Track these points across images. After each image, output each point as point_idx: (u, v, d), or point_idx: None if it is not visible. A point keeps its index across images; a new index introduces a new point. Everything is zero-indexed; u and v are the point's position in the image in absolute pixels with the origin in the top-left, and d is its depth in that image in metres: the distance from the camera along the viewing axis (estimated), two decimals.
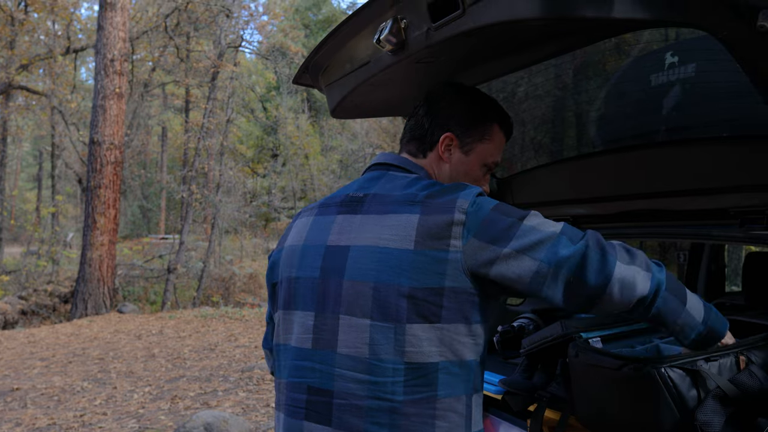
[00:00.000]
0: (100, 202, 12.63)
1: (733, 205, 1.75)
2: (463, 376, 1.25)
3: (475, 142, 1.47)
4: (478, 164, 1.49)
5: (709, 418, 1.40)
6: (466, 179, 1.48)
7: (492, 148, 1.50)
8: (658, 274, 1.29)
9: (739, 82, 1.46)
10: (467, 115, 1.48)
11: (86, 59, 23.24)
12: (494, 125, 1.50)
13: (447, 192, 1.28)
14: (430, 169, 1.48)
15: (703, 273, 3.46)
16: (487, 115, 1.50)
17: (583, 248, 1.21)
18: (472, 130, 1.47)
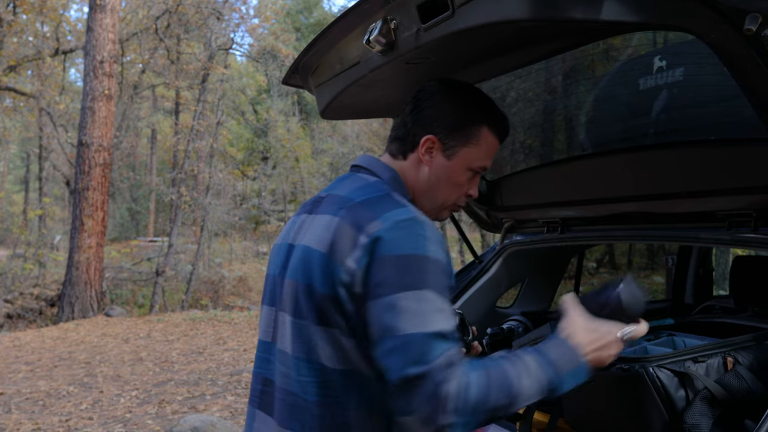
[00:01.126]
0: (88, 204, 12.53)
1: (720, 208, 1.76)
2: (372, 392, 1.23)
3: (459, 145, 1.38)
4: (462, 169, 1.40)
5: (697, 420, 1.41)
6: (447, 185, 1.40)
7: (479, 152, 1.40)
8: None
9: (726, 86, 1.46)
10: (453, 117, 1.39)
11: (75, 61, 23.10)
12: (482, 128, 1.39)
13: (377, 205, 1.24)
14: (406, 172, 1.41)
15: (691, 276, 3.48)
16: (474, 116, 1.40)
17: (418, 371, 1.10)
18: (456, 133, 1.38)
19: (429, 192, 1.40)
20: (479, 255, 2.66)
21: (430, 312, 1.13)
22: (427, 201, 1.41)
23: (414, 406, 1.10)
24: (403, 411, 1.11)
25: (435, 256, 1.18)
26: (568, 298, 1.31)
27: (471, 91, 1.44)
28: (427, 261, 1.17)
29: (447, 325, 1.14)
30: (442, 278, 1.18)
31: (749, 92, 1.36)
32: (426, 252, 1.17)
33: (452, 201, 1.43)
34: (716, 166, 1.74)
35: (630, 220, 2.10)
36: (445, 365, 1.10)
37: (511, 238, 2.56)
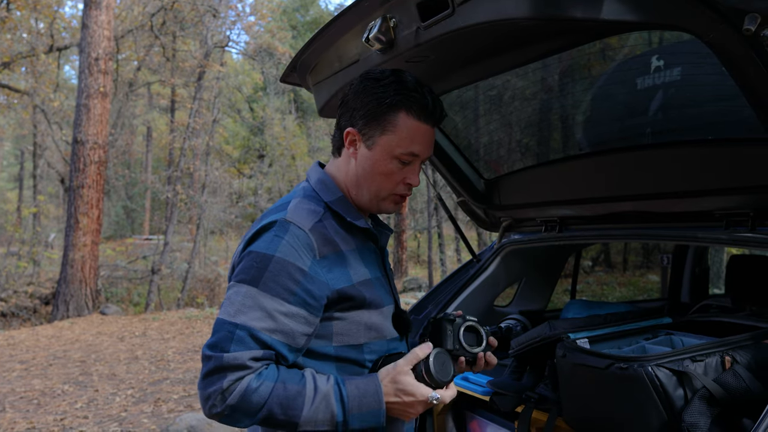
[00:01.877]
0: (83, 202, 12.48)
1: (718, 208, 1.76)
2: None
3: (377, 135, 1.36)
4: (385, 158, 1.37)
5: (695, 419, 1.41)
6: (375, 175, 1.38)
7: (398, 138, 1.36)
8: None
9: (724, 85, 1.47)
10: (367, 106, 1.37)
11: (70, 58, 22.99)
12: (399, 113, 1.35)
13: (265, 215, 1.37)
14: (341, 167, 1.43)
15: (688, 275, 3.49)
16: (389, 103, 1.35)
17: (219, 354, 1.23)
18: (373, 122, 1.36)
19: (361, 184, 1.41)
20: (477, 254, 2.66)
21: (247, 306, 1.24)
22: (362, 193, 1.41)
23: (201, 382, 1.24)
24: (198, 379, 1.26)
25: (283, 257, 1.26)
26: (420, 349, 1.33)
27: (387, 79, 1.38)
28: (271, 261, 1.26)
29: (259, 324, 1.23)
30: (286, 282, 1.25)
31: (748, 92, 1.36)
32: (274, 252, 1.26)
33: (388, 191, 1.40)
34: (713, 165, 1.74)
35: (627, 220, 2.10)
36: (236, 365, 1.21)
37: (509, 237, 2.56)
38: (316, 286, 1.28)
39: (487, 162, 2.50)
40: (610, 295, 10.23)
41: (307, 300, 1.27)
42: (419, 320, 2.44)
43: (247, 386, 1.21)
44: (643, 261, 11.40)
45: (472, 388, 2.02)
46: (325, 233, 1.34)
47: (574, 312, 2.37)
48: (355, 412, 1.25)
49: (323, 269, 1.29)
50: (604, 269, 11.90)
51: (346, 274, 1.33)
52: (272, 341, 1.24)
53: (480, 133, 2.45)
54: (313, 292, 1.27)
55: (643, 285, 10.16)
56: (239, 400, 1.21)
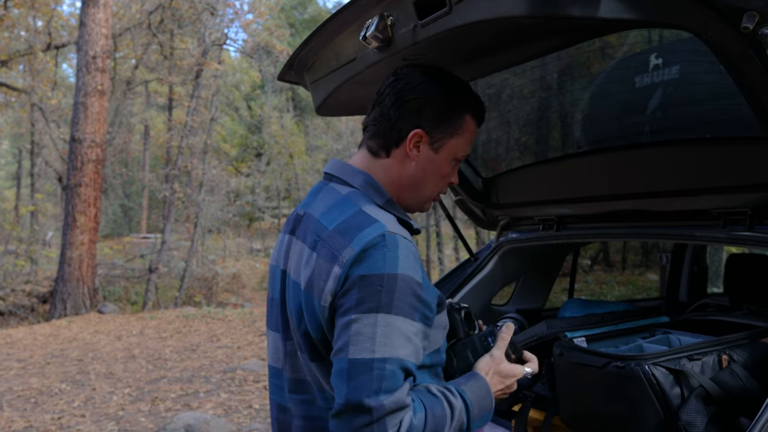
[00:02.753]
0: (81, 200, 12.46)
1: (716, 206, 1.76)
2: None
3: (446, 137, 1.34)
4: (448, 161, 1.36)
5: (692, 418, 1.41)
6: (435, 177, 1.36)
7: (464, 141, 1.36)
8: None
9: (722, 84, 1.46)
10: (438, 108, 1.33)
11: (68, 56, 22.93)
12: (466, 117, 1.36)
13: (349, 229, 1.20)
14: (389, 169, 1.35)
15: (686, 274, 3.49)
16: (459, 105, 1.35)
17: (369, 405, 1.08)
18: (443, 125, 1.33)
19: (415, 186, 1.35)
20: (474, 252, 2.66)
21: (388, 336, 1.10)
22: (412, 195, 1.37)
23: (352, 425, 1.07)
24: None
25: (405, 274, 1.14)
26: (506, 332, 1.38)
27: (453, 80, 1.38)
28: (395, 280, 1.13)
29: (404, 352, 1.11)
30: (412, 300, 1.14)
31: (746, 90, 1.36)
32: (396, 270, 1.14)
33: (436, 192, 1.40)
34: (712, 164, 1.74)
35: (625, 218, 2.10)
36: (395, 407, 1.08)
37: (506, 236, 2.56)
38: (430, 296, 1.21)
39: (485, 160, 2.50)
40: (609, 294, 10.24)
41: (427, 314, 1.20)
42: None
43: (409, 427, 1.10)
44: (642, 260, 11.42)
45: None
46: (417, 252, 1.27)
47: (571, 311, 2.37)
48: (476, 417, 1.23)
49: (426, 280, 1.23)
50: (603, 268, 11.91)
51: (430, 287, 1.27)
52: (413, 366, 1.15)
53: (478, 132, 2.44)
54: (430, 303, 1.20)
55: (642, 284, 10.18)
56: None
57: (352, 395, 1.08)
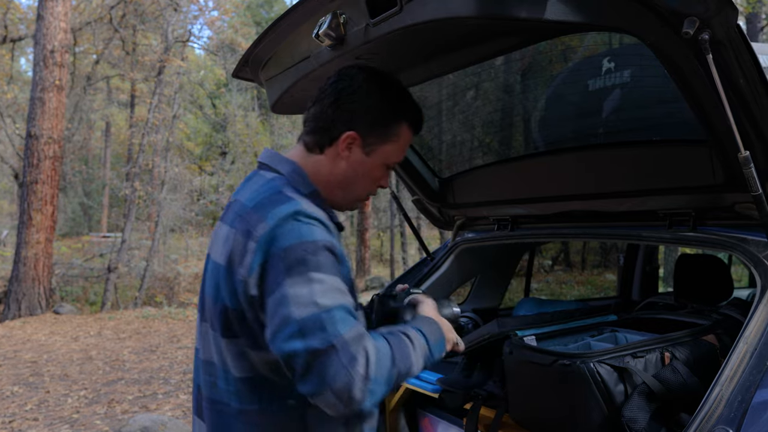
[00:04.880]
0: (37, 198, 12.11)
1: (662, 207, 1.81)
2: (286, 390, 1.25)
3: (379, 143, 1.35)
4: (379, 165, 1.38)
5: (635, 414, 1.44)
6: (363, 179, 1.39)
7: (397, 148, 1.38)
8: None
9: (668, 88, 1.50)
10: (374, 113, 1.34)
11: (26, 50, 22.27)
12: (403, 125, 1.37)
13: (265, 206, 1.24)
14: (321, 165, 1.37)
15: (638, 274, 3.57)
16: (395, 113, 1.36)
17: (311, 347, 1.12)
18: (377, 130, 1.35)
19: (344, 185, 1.38)
20: (431, 252, 2.67)
21: (322, 291, 1.14)
22: (341, 193, 1.40)
23: (328, 381, 1.09)
24: (316, 390, 1.10)
25: (322, 240, 1.19)
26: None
27: (394, 86, 1.39)
28: (315, 245, 1.18)
29: (345, 300, 1.17)
30: (333, 261, 1.20)
31: (688, 94, 1.40)
32: (313, 237, 1.19)
33: (367, 193, 1.44)
34: (658, 166, 1.79)
35: (578, 218, 2.13)
36: (355, 338, 1.12)
37: (462, 236, 2.58)
38: (345, 268, 1.26)
39: (442, 161, 2.51)
40: (568, 293, 10.42)
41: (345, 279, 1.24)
42: None
43: (371, 353, 1.14)
44: (601, 260, 11.65)
45: (422, 385, 2.03)
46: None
47: (525, 310, 2.40)
48: (433, 341, 1.29)
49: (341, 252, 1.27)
50: (563, 268, 12.12)
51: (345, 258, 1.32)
52: (357, 314, 1.21)
53: (435, 132, 2.46)
54: (344, 273, 1.24)
55: (601, 283, 10.39)
56: (375, 370, 1.13)
57: (311, 346, 1.10)
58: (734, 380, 1.27)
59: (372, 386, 1.12)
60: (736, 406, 1.23)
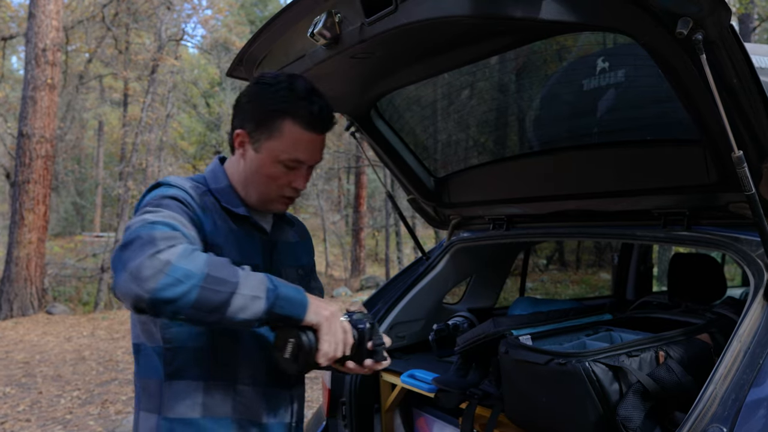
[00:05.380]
0: (29, 197, 12.04)
1: (656, 207, 1.81)
2: (154, 360, 1.38)
3: (263, 139, 1.40)
4: (271, 162, 1.41)
5: (630, 413, 1.44)
6: (261, 177, 1.43)
7: (283, 145, 1.39)
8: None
9: (663, 87, 1.51)
10: (258, 111, 1.40)
11: (17, 48, 22.13)
12: (285, 121, 1.38)
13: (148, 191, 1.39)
14: (234, 165, 1.48)
15: (633, 273, 3.59)
16: (276, 110, 1.39)
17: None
18: (261, 127, 1.40)
19: (249, 184, 1.45)
20: (427, 252, 2.67)
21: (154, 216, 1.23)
22: (250, 192, 1.46)
23: (126, 262, 1.13)
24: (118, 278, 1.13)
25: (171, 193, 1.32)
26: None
27: (279, 84, 1.41)
28: (162, 196, 1.31)
29: (174, 221, 1.24)
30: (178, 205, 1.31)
31: (681, 94, 1.40)
32: (162, 193, 1.32)
33: (275, 192, 1.45)
34: (652, 165, 1.79)
35: (572, 218, 2.14)
36: (167, 237, 1.16)
37: (458, 235, 2.58)
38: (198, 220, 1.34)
39: (437, 160, 2.52)
40: (563, 293, 10.45)
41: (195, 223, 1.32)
42: None
43: (186, 247, 1.17)
44: (595, 260, 11.68)
45: (418, 385, 2.03)
46: (205, 201, 1.41)
47: (520, 309, 2.41)
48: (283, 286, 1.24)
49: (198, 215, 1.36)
50: (558, 267, 12.15)
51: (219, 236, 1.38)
52: (191, 237, 1.25)
53: (430, 131, 2.46)
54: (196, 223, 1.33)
55: (595, 283, 10.42)
56: (180, 257, 1.13)
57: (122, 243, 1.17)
58: (728, 379, 1.28)
59: (170, 270, 1.11)
60: (730, 404, 1.24)
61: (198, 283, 1.13)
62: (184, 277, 1.12)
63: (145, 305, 1.12)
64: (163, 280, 1.10)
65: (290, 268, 1.56)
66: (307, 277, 1.63)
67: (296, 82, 1.41)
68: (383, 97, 2.22)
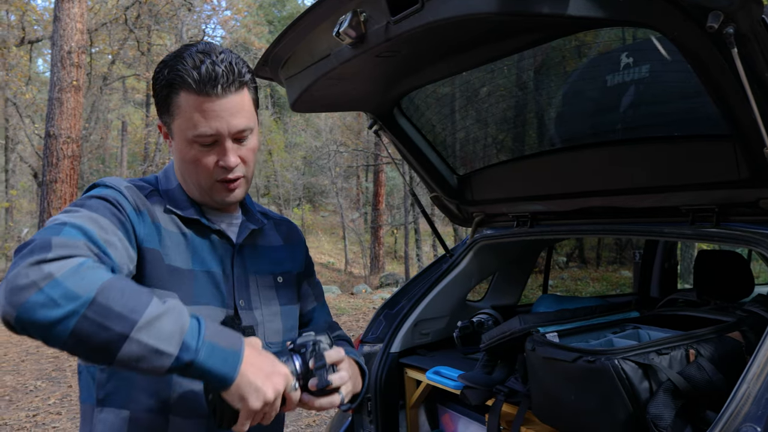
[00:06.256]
0: (57, 197, 12.26)
1: (684, 203, 1.79)
2: (90, 383, 1.25)
3: (171, 122, 1.25)
4: (184, 144, 1.24)
5: (660, 411, 1.43)
6: (185, 164, 1.27)
7: (186, 121, 1.21)
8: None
9: (691, 82, 1.49)
10: (157, 93, 1.25)
11: (43, 51, 22.54)
12: (179, 94, 1.21)
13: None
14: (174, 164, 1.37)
15: (657, 270, 3.54)
16: (166, 84, 1.22)
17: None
18: (164, 109, 1.25)
19: (183, 176, 1.32)
20: (450, 249, 2.67)
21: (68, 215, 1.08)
22: (189, 185, 1.32)
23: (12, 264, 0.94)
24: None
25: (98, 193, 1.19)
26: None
27: (170, 56, 1.25)
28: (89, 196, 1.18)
29: (88, 225, 1.06)
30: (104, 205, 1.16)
31: (711, 89, 1.39)
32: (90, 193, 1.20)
33: (206, 178, 1.27)
34: (680, 161, 1.77)
35: (597, 215, 2.12)
36: (69, 243, 0.98)
37: (481, 232, 2.57)
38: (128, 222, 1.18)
39: (460, 157, 2.51)
40: (583, 290, 10.37)
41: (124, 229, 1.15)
42: (392, 315, 2.44)
43: (82, 262, 0.95)
44: (616, 257, 11.58)
45: (444, 382, 2.03)
46: (144, 201, 1.25)
47: (545, 306, 2.40)
48: (209, 338, 0.99)
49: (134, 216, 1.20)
50: (578, 265, 12.07)
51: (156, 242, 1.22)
52: (104, 247, 1.05)
53: (453, 129, 2.46)
54: (126, 224, 1.17)
55: (616, 280, 10.32)
56: (67, 272, 0.92)
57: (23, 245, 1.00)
58: (761, 377, 1.26)
59: (47, 286, 0.90)
60: (764, 403, 1.22)
61: (79, 310, 0.90)
62: (62, 298, 0.90)
63: (13, 324, 0.92)
64: (33, 297, 0.89)
65: (264, 276, 1.39)
66: (289, 285, 1.45)
67: (189, 48, 1.24)
68: (406, 96, 2.22)
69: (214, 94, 1.19)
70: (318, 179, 25.12)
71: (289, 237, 1.52)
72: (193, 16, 16.38)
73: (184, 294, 1.21)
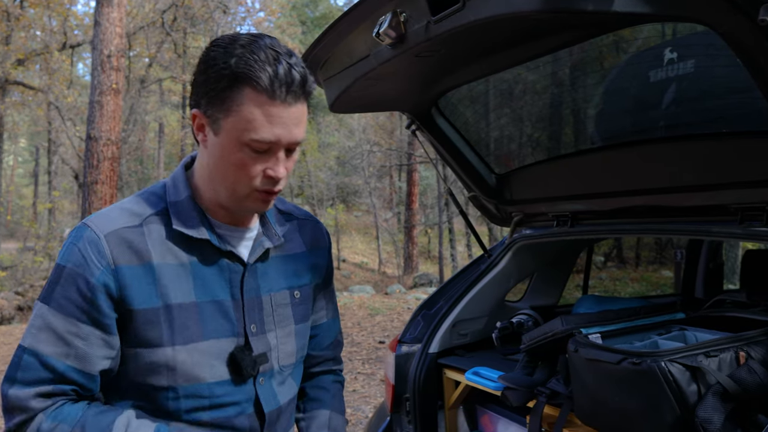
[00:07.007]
0: (97, 198, 12.58)
1: (732, 202, 1.74)
2: None
3: (221, 117, 1.07)
4: (235, 146, 1.08)
5: (709, 414, 1.40)
6: (226, 165, 1.11)
7: (245, 122, 1.06)
8: None
9: (738, 77, 1.45)
10: (208, 82, 1.07)
11: (83, 55, 23.15)
12: (243, 90, 1.05)
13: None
14: (198, 158, 1.20)
15: (702, 270, 3.46)
16: (229, 76, 1.05)
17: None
18: (216, 101, 1.07)
19: (214, 177, 1.15)
20: (488, 249, 2.65)
21: (36, 327, 1.08)
22: (218, 189, 1.16)
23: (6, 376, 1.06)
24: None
25: (74, 268, 1.09)
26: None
27: (235, 43, 1.07)
28: (61, 272, 1.10)
29: (48, 348, 1.06)
30: (75, 296, 1.08)
31: (762, 84, 1.34)
32: (66, 263, 1.10)
33: (246, 186, 1.12)
34: (728, 159, 1.72)
35: (640, 214, 2.08)
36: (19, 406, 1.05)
37: (520, 232, 2.55)
38: (104, 300, 1.09)
39: (498, 157, 2.49)
40: (622, 290, 10.19)
41: (98, 318, 1.08)
42: (430, 315, 2.43)
43: (37, 430, 1.05)
44: (656, 256, 11.33)
45: (484, 383, 2.02)
46: (133, 240, 1.11)
47: (585, 307, 2.36)
48: None
49: (115, 282, 1.09)
50: (617, 265, 11.85)
51: (149, 292, 1.11)
52: (65, 369, 1.06)
53: (491, 128, 2.44)
54: (102, 307, 1.08)
55: (656, 280, 10.11)
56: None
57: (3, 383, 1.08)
58: None
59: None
60: None
61: None
62: None
63: None
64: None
65: (280, 293, 1.27)
66: (306, 300, 1.33)
67: (258, 40, 1.08)
68: (444, 95, 2.21)
69: (286, 101, 1.07)
70: (351, 179, 25.23)
71: (314, 241, 1.38)
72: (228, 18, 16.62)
73: (191, 333, 1.14)
